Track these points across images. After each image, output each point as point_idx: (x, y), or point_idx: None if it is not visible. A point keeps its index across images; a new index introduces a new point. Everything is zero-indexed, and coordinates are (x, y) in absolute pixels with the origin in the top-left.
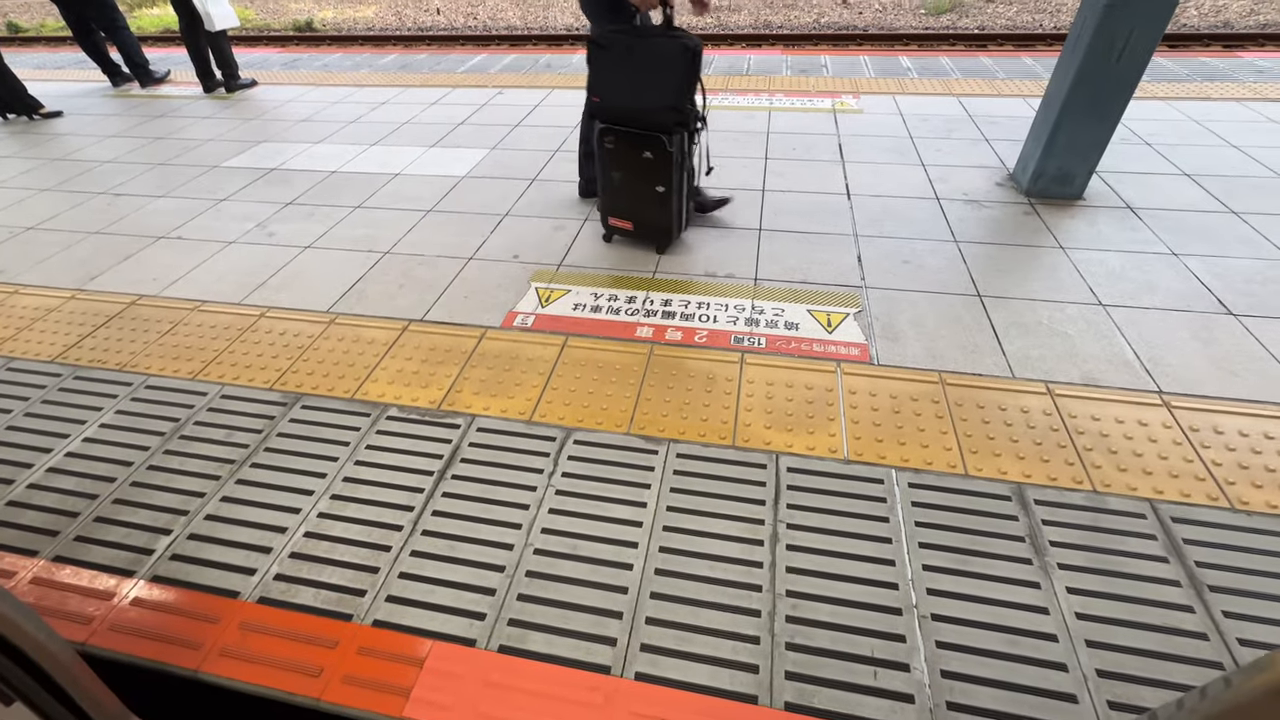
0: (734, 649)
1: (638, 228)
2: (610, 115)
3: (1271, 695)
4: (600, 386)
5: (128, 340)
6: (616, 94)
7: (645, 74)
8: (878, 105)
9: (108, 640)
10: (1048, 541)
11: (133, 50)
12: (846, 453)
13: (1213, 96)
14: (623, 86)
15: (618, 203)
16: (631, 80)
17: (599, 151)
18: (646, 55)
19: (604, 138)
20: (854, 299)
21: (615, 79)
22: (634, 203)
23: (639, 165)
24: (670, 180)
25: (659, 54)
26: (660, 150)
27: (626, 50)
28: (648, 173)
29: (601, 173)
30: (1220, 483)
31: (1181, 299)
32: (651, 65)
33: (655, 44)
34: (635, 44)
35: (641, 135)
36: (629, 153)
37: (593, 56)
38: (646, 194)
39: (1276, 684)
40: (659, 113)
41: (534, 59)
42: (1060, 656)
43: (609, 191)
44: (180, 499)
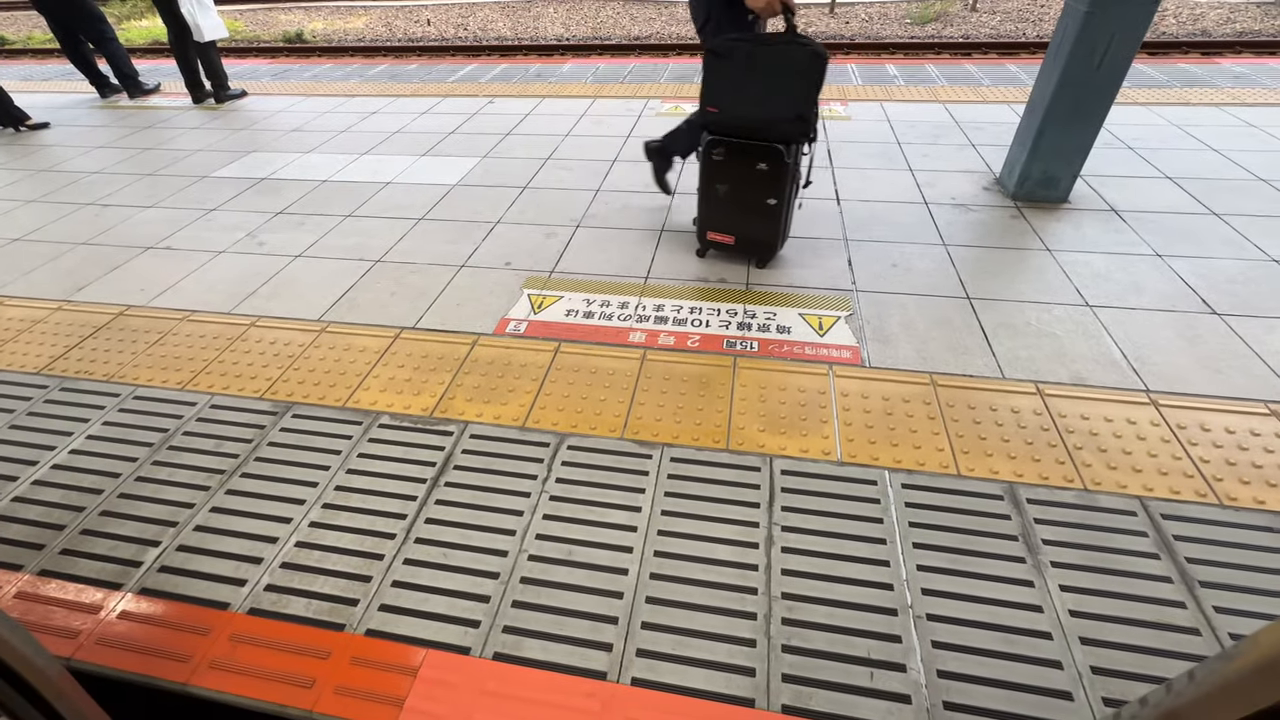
0: (730, 652)
1: (739, 241)
2: (729, 127)
3: (1231, 688)
4: (593, 392)
5: (115, 351)
6: (738, 105)
7: (771, 83)
8: (865, 112)
9: (95, 655)
10: (1040, 540)
11: (121, 61)
12: (840, 454)
13: (1192, 102)
14: (746, 97)
15: (720, 217)
16: (756, 90)
17: (703, 164)
18: (773, 63)
19: (712, 150)
20: (845, 302)
21: (737, 89)
22: (740, 216)
23: (751, 177)
24: (783, 192)
25: (787, 62)
26: (778, 162)
27: (749, 59)
28: (760, 185)
29: (704, 186)
30: (1208, 479)
31: (1166, 299)
32: (778, 74)
33: (783, 51)
34: (759, 52)
35: (757, 147)
36: (740, 165)
37: (711, 67)
38: (756, 207)
39: (1238, 675)
40: (785, 123)
41: (524, 69)
42: (1055, 654)
43: (711, 205)
44: (169, 510)
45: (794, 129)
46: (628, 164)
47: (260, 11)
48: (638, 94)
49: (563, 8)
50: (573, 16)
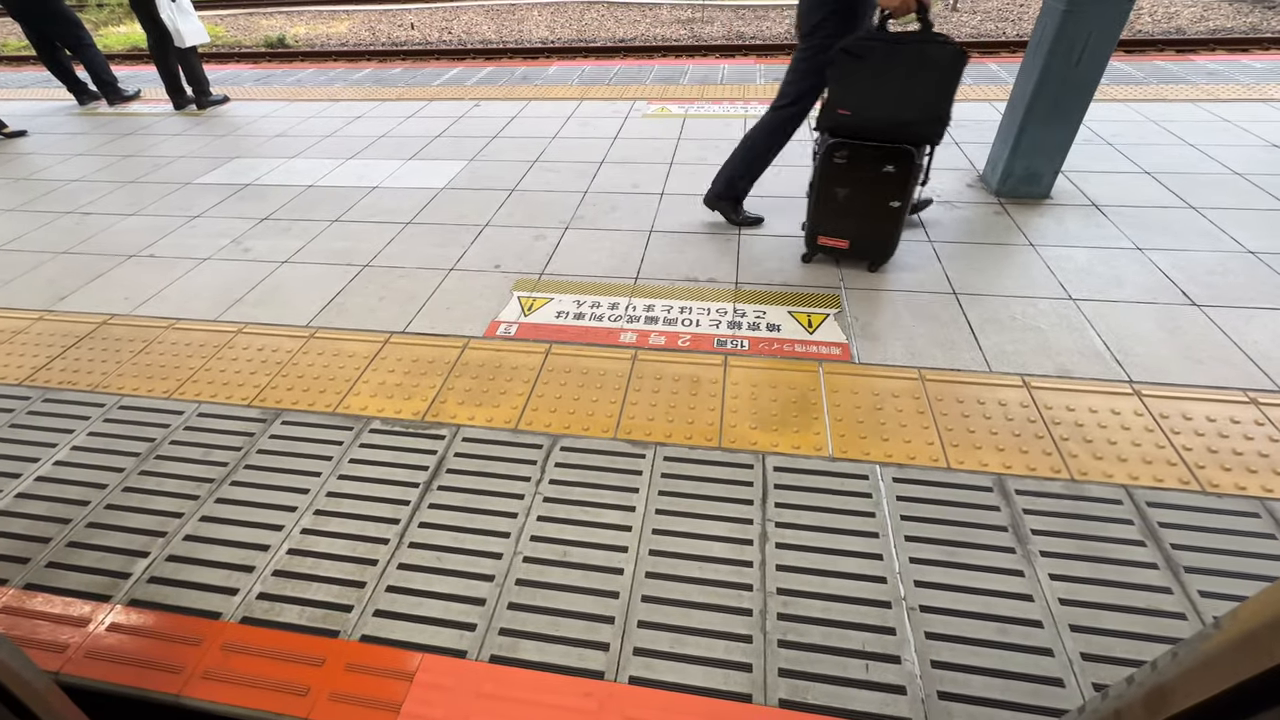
0: (727, 649)
1: (854, 245)
2: (861, 129)
3: (1214, 661)
4: (585, 393)
5: (99, 360)
6: (874, 106)
7: (912, 83)
8: None
9: (83, 668)
10: (1029, 530)
11: (99, 68)
12: (831, 450)
13: (1169, 98)
14: (882, 98)
15: (836, 221)
16: (893, 91)
17: (822, 167)
18: (914, 63)
19: (834, 152)
20: (834, 300)
21: (872, 90)
22: (859, 219)
23: (876, 180)
24: (906, 194)
25: (928, 61)
26: (907, 164)
27: (886, 59)
28: (885, 188)
29: (821, 190)
30: (1191, 467)
31: (1147, 292)
32: (919, 73)
33: (923, 51)
34: (897, 51)
35: (885, 149)
36: (865, 168)
37: (842, 68)
38: (877, 210)
39: (1220, 649)
40: (925, 124)
41: (510, 71)
42: (1046, 642)
43: (827, 209)
44: (157, 520)
45: (932, 130)
46: (615, 165)
47: (241, 17)
48: (624, 95)
49: (547, 11)
50: (557, 19)
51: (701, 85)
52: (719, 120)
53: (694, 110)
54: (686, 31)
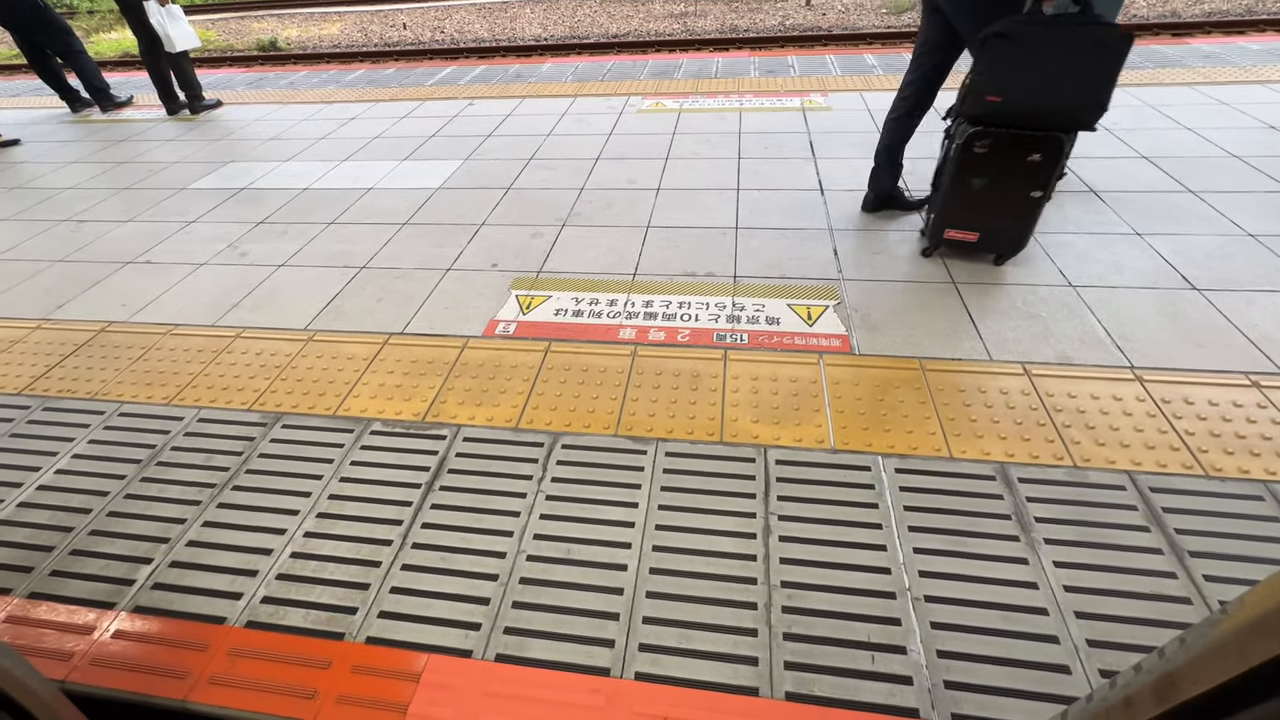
0: (733, 643)
1: (983, 238)
2: (1012, 116)
3: (1223, 647)
4: (586, 390)
5: (98, 368)
6: (1030, 92)
7: (1074, 67)
8: (846, 102)
9: (89, 676)
10: (1033, 518)
11: (91, 75)
12: (833, 442)
13: (1165, 82)
14: (1040, 83)
15: (968, 213)
16: (1051, 75)
17: (959, 157)
18: (1077, 46)
19: (975, 142)
20: (832, 291)
21: (1030, 75)
22: (993, 211)
23: (1018, 169)
24: (1049, 184)
25: (1094, 44)
26: (1054, 152)
27: (1045, 42)
28: (1026, 177)
29: (955, 180)
30: (1194, 451)
31: (1147, 277)
32: (1083, 57)
33: (1088, 33)
34: (1057, 34)
35: (1032, 137)
36: (1006, 157)
37: (995, 52)
38: (1016, 200)
39: (1229, 635)
40: (1084, 110)
41: (503, 69)
42: (1051, 629)
43: (959, 201)
44: (160, 526)
45: (1091, 116)
46: (611, 161)
47: (232, 20)
48: (618, 91)
49: (539, 8)
50: (550, 16)
51: (696, 79)
52: (714, 114)
53: (689, 104)
54: (680, 26)
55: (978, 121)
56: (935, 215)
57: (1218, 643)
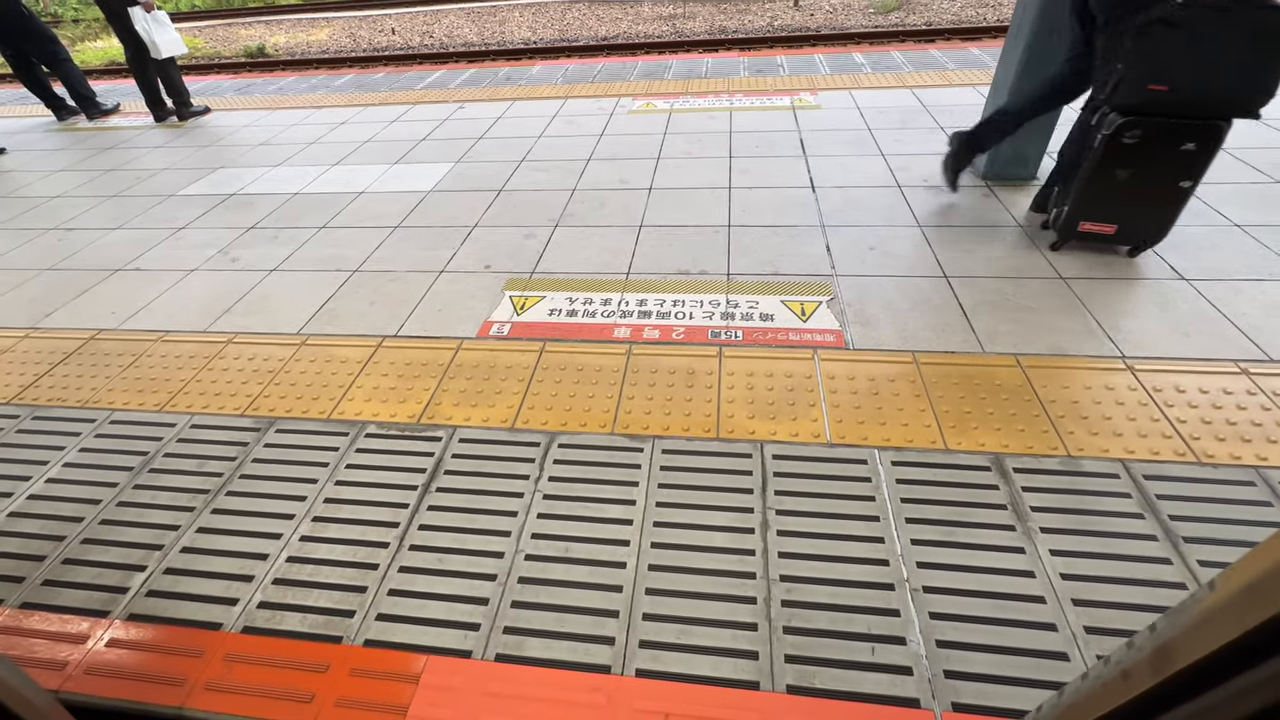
0: (733, 637)
1: (1121, 230)
2: (1176, 105)
3: (1215, 616)
4: (581, 389)
5: (88, 376)
6: (1199, 80)
7: (1244, 53)
8: (835, 100)
9: (84, 685)
10: (1029, 507)
11: (77, 82)
12: (829, 436)
13: None
14: (1210, 70)
15: (1108, 205)
16: (1223, 61)
17: (1105, 148)
18: (1249, 31)
19: (1125, 131)
20: (826, 288)
21: (1196, 63)
22: (1137, 203)
23: (1169, 159)
24: (1201, 173)
25: (1269, 29)
26: (1211, 141)
27: (1215, 27)
28: (1178, 167)
29: (1097, 172)
30: (1186, 439)
31: (1135, 268)
32: (1256, 42)
33: (1261, 17)
34: (1225, 19)
35: (1188, 126)
36: (1158, 147)
37: (1156, 39)
38: (1163, 191)
39: (1220, 604)
40: (1253, 97)
41: (493, 72)
42: (1049, 617)
43: (1099, 192)
44: (153, 533)
45: (1258, 104)
46: (603, 162)
47: (219, 27)
48: (608, 93)
49: (528, 11)
50: (539, 19)
51: (685, 80)
52: (704, 114)
53: (679, 105)
54: (668, 27)
55: (1130, 111)
56: (1069, 208)
57: (1210, 612)
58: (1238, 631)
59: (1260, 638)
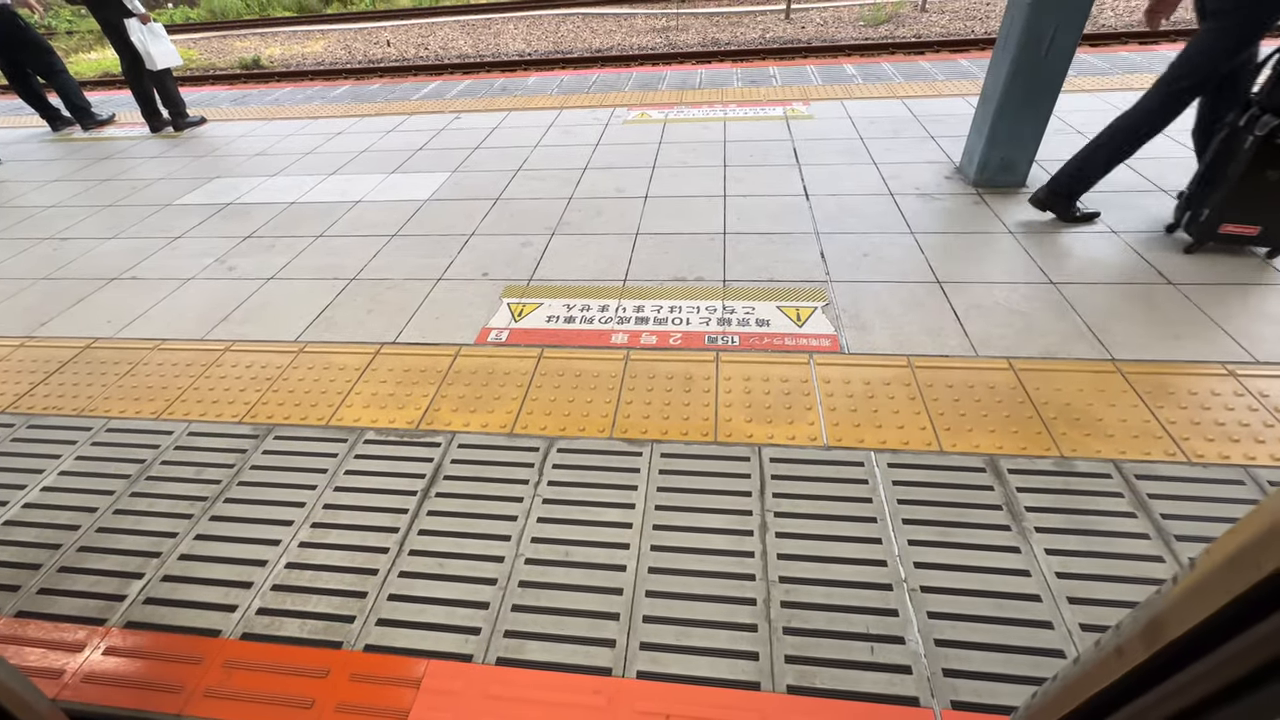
0: (733, 639)
1: (1266, 231)
2: None
3: (1200, 590)
4: (579, 395)
5: (84, 384)
6: None
7: None
8: (827, 110)
9: (81, 694)
10: (1023, 508)
11: (72, 93)
12: (826, 439)
13: (1135, 86)
14: None
15: (1254, 206)
16: None
17: (1258, 150)
18: None
19: None
20: (820, 293)
21: None
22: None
23: None
24: None
25: None
26: None
27: None
28: None
29: (1246, 174)
30: (1176, 439)
31: (1124, 273)
32: None
33: None
34: None
35: None
36: None
37: None
38: None
39: (1204, 578)
40: None
41: (489, 83)
42: (1045, 615)
43: (1246, 195)
44: (151, 541)
45: None
46: (599, 171)
47: (214, 39)
48: (603, 103)
49: (523, 24)
50: (533, 32)
51: (680, 90)
52: (698, 124)
53: (674, 115)
54: (662, 40)
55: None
56: (1210, 211)
57: (1198, 583)
58: (1223, 600)
59: (1244, 606)
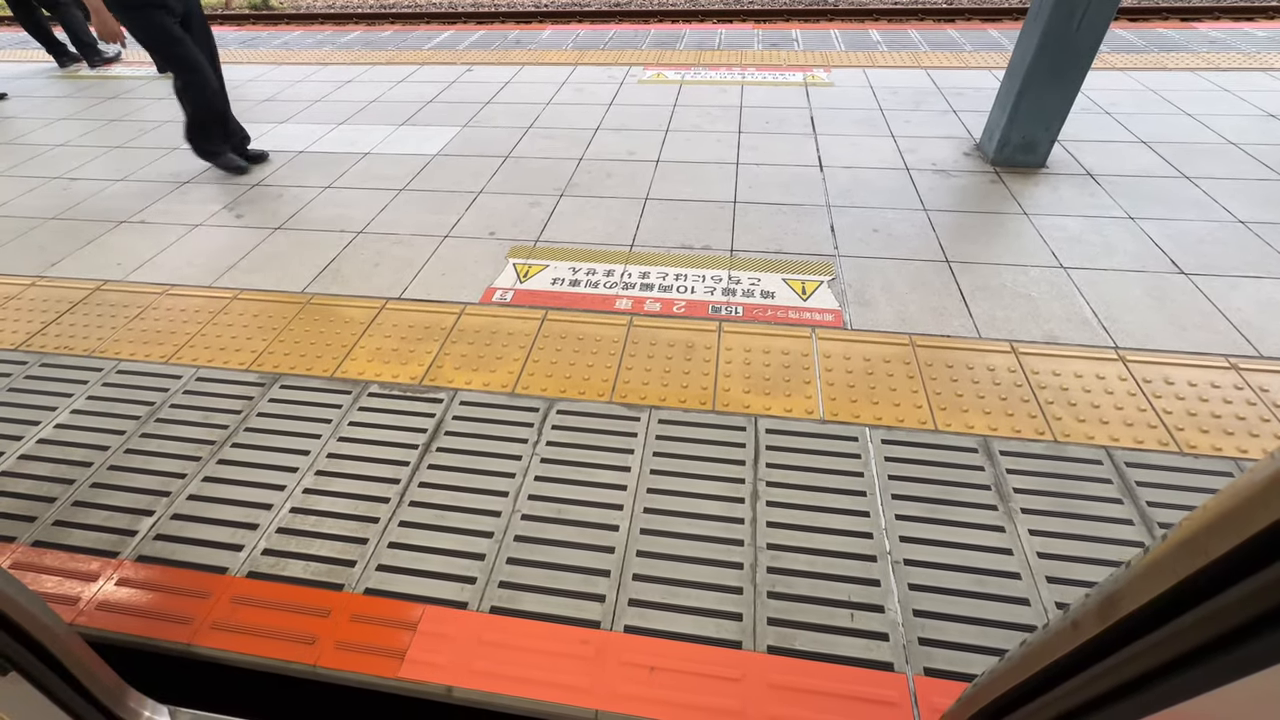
0: (719, 600)
1: None
2: None
3: (1157, 565)
4: (581, 358)
5: (95, 326)
6: None
7: None
8: (848, 78)
9: (96, 620)
10: (1012, 489)
11: (78, 28)
12: (823, 413)
13: (1169, 66)
14: None
15: None
16: None
17: None
18: None
19: None
20: (828, 267)
21: None
22: None
23: None
24: None
25: None
26: None
27: None
28: None
29: None
30: (1170, 429)
31: (1137, 260)
32: None
33: None
34: None
35: None
36: None
37: None
38: None
39: (1163, 555)
40: None
41: (503, 35)
42: (1023, 593)
43: None
44: (161, 480)
45: None
46: (611, 132)
47: None
48: (619, 60)
49: None
50: None
51: (698, 51)
52: (716, 87)
53: (690, 76)
54: None
55: None
56: None
57: (1152, 563)
58: (1172, 582)
59: (1192, 586)
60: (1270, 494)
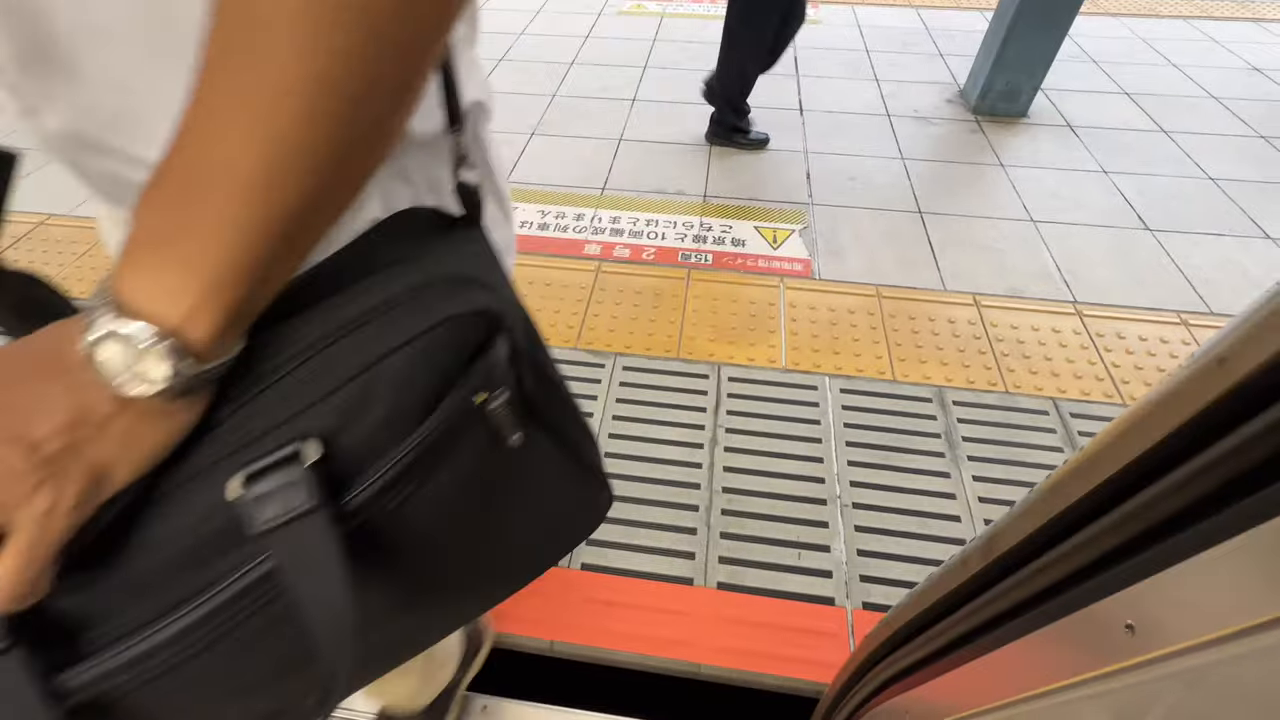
0: (674, 539)
1: None
2: None
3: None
4: (547, 304)
5: (40, 263)
6: None
7: None
8: (837, 17)
9: None
10: (960, 437)
11: None
12: (785, 362)
13: (1162, 13)
14: None
15: None
16: None
17: None
18: None
19: None
20: (800, 216)
21: None
22: None
23: None
24: None
25: None
26: None
27: None
28: None
29: None
30: (1117, 382)
31: (1105, 215)
32: None
33: None
34: None
35: None
36: None
37: None
38: None
39: (1038, 496)
40: None
41: None
42: (961, 534)
43: None
44: None
45: None
46: (585, 67)
47: None
48: None
49: None
50: None
51: None
52: (698, 20)
53: (672, 9)
54: None
55: None
56: None
57: (1030, 504)
58: (1042, 521)
59: (1058, 526)
60: (1120, 442)
